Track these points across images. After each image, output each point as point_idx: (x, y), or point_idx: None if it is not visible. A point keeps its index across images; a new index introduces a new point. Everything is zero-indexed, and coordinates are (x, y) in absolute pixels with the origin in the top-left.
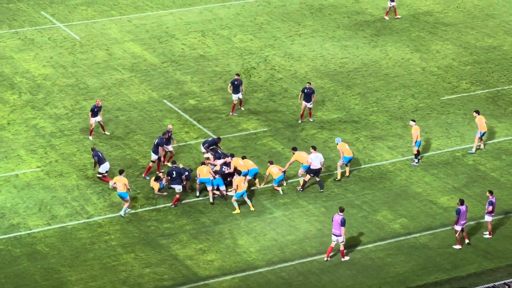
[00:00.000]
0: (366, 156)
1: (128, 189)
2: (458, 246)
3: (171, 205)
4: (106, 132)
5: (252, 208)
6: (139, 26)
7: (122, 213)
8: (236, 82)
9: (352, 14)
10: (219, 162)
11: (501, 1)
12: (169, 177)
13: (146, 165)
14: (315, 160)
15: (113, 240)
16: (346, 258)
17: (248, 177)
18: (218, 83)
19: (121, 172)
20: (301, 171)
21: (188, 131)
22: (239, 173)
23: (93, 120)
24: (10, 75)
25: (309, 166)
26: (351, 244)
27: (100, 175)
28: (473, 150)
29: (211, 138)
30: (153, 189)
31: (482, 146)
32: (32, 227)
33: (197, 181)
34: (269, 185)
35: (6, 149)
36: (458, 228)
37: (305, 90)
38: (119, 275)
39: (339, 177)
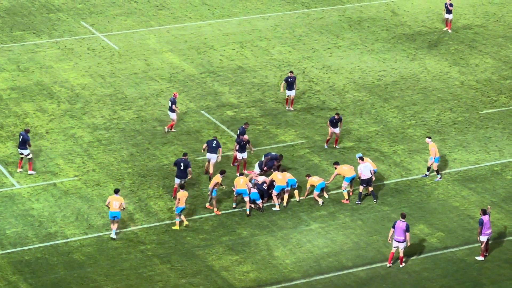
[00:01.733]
0: (403, 169)
1: (123, 209)
2: (481, 258)
3: (173, 196)
4: (172, 130)
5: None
6: (177, 37)
7: (113, 235)
8: (289, 80)
9: (390, 27)
10: (261, 179)
11: None
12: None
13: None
14: (365, 170)
15: (149, 250)
16: (404, 264)
17: (287, 188)
18: (256, 95)
19: (116, 191)
20: (344, 184)
21: (225, 142)
22: (273, 186)
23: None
24: (49, 84)
25: (360, 177)
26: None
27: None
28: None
29: (274, 153)
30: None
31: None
32: (69, 236)
33: (234, 193)
34: (308, 197)
35: (44, 158)
36: (483, 238)
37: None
38: (154, 285)
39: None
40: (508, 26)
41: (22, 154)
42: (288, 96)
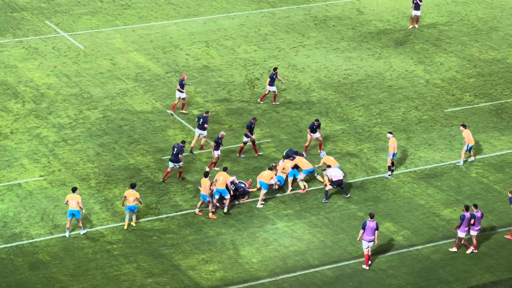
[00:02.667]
0: (369, 168)
1: (81, 208)
2: (454, 249)
3: (179, 178)
4: (184, 111)
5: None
6: (143, 36)
7: (82, 231)
8: (274, 76)
9: (356, 25)
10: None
11: (505, 14)
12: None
13: (150, 175)
14: (334, 172)
15: (115, 250)
16: (369, 263)
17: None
18: (221, 94)
19: (74, 190)
20: (301, 176)
21: (191, 141)
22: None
23: (178, 95)
24: (14, 84)
25: (331, 179)
26: (353, 256)
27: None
28: (461, 162)
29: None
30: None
31: (473, 158)
32: (34, 236)
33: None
34: (270, 196)
35: (9, 158)
36: (461, 234)
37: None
38: (121, 285)
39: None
40: (472, 25)
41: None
42: (269, 91)
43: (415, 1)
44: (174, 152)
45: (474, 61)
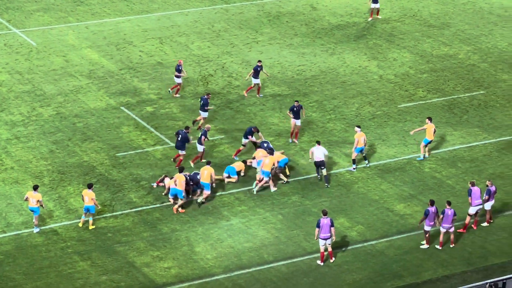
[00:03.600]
0: None
1: (41, 206)
2: (425, 246)
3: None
4: (176, 95)
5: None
6: (96, 33)
7: (35, 230)
8: (258, 69)
9: (309, 21)
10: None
11: (456, 10)
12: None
13: (105, 172)
14: (317, 151)
15: (69, 248)
16: (334, 258)
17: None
18: (175, 90)
19: (35, 188)
20: (258, 168)
21: (145, 138)
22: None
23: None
24: None
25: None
26: (308, 252)
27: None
28: (422, 157)
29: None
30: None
31: (427, 155)
32: None
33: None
34: (225, 192)
35: None
36: (427, 228)
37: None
38: (75, 282)
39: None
40: (424, 21)
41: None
42: (254, 84)
43: None
44: (179, 139)
45: (426, 56)
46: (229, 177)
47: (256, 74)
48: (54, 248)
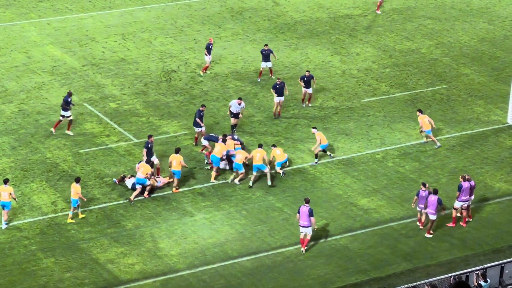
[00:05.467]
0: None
1: (14, 199)
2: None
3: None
4: (202, 72)
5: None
6: (58, 29)
7: (3, 226)
8: (264, 52)
9: (272, 17)
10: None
11: (418, 5)
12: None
13: (68, 168)
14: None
15: (32, 245)
16: (305, 248)
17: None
18: (138, 86)
19: (5, 181)
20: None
21: (108, 134)
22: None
23: (207, 59)
24: None
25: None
26: (272, 247)
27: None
28: (437, 144)
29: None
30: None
31: (437, 143)
32: None
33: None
34: (188, 188)
35: None
36: (418, 208)
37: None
38: (38, 280)
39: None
40: (386, 16)
41: (63, 116)
42: (263, 68)
43: None
44: (196, 117)
45: (389, 51)
46: (237, 173)
47: (265, 57)
48: (17, 246)
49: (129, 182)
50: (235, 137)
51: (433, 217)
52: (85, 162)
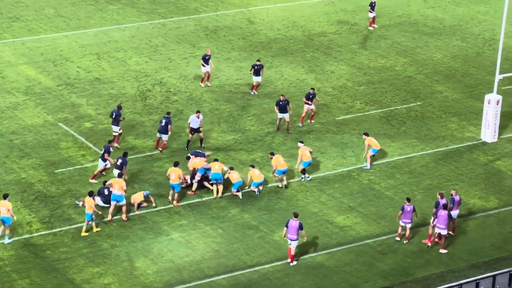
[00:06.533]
0: None
1: (12, 215)
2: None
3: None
4: (208, 83)
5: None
6: (33, 49)
7: (6, 240)
8: (256, 67)
9: (247, 35)
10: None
11: (392, 23)
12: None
13: (43, 188)
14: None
15: (7, 266)
16: (295, 262)
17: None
18: (113, 106)
19: (5, 197)
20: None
21: (84, 154)
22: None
23: (204, 70)
24: None
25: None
26: (248, 265)
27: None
28: (368, 165)
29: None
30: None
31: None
32: None
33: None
34: (164, 207)
35: None
36: (401, 223)
37: (280, 103)
38: None
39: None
40: (361, 33)
41: (115, 131)
42: (256, 82)
43: (371, 4)
44: (163, 125)
45: (364, 69)
46: (217, 184)
47: (256, 73)
48: None
49: (98, 200)
50: (202, 152)
51: (444, 232)
52: (60, 182)
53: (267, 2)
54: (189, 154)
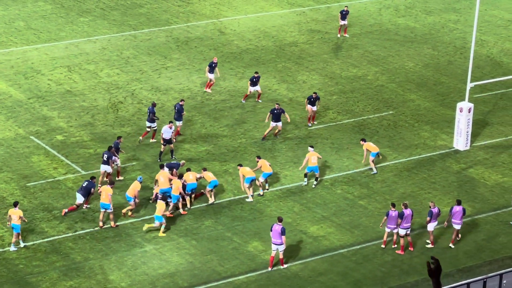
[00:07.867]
0: (235, 188)
1: (24, 221)
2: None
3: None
4: (208, 90)
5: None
6: (3, 62)
7: (11, 248)
8: (254, 79)
9: (218, 46)
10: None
11: (364, 32)
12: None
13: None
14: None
15: None
16: (285, 265)
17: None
18: (85, 118)
19: (15, 204)
20: (261, 179)
21: (56, 167)
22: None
23: (210, 76)
24: None
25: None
26: (223, 276)
27: None
28: (374, 170)
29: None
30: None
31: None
32: None
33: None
34: (138, 219)
35: None
36: (387, 229)
37: (275, 111)
38: None
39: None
40: (332, 43)
41: (149, 127)
42: (254, 91)
43: (342, 12)
44: (176, 111)
45: (336, 78)
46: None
47: (254, 84)
48: None
49: (78, 196)
50: (176, 162)
51: (458, 227)
52: (32, 195)
53: (238, 12)
54: (165, 167)
